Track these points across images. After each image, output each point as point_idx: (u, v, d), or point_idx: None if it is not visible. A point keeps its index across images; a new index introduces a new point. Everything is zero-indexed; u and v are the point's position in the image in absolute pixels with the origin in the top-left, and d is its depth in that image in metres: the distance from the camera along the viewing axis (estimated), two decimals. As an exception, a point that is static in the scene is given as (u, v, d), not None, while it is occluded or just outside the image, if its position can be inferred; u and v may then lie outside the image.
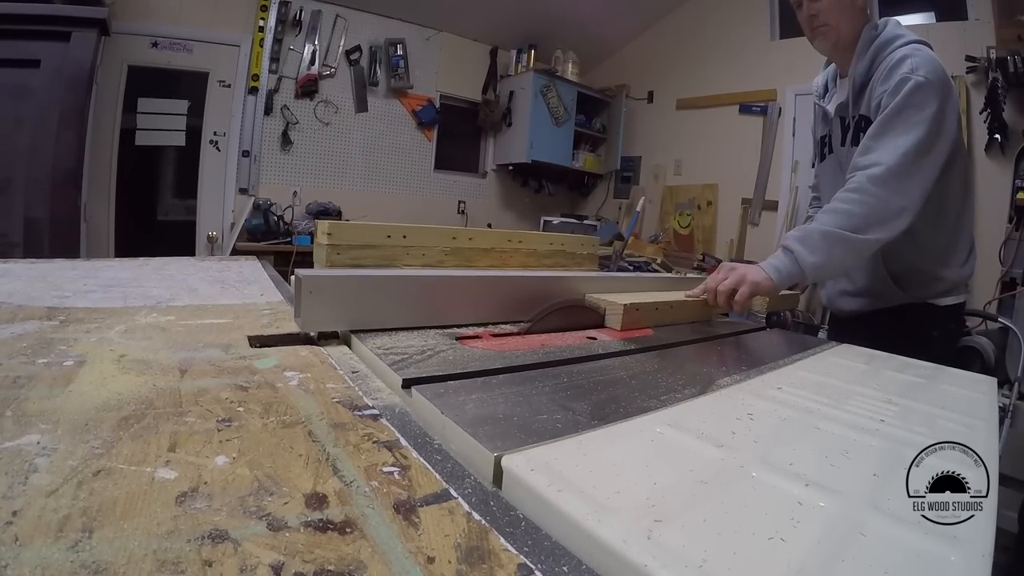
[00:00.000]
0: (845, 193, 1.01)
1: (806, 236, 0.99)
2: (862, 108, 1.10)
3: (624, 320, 0.81)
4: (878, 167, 0.98)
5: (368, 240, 0.86)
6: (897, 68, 1.01)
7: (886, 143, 0.99)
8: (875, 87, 1.05)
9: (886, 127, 1.00)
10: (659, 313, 0.89)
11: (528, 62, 4.44)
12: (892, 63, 1.03)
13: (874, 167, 0.99)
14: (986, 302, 2.59)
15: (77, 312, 0.67)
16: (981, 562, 0.28)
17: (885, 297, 1.18)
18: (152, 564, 0.22)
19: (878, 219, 0.98)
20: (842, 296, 1.28)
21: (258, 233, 3.40)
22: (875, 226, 0.98)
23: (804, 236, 1.00)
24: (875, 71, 1.06)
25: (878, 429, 0.47)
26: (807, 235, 0.99)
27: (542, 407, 0.45)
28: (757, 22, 3.86)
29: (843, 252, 0.99)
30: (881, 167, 0.98)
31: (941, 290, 1.17)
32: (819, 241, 0.98)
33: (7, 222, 2.33)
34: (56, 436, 0.33)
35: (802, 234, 1.00)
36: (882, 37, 1.07)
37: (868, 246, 0.99)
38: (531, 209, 4.93)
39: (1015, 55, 2.54)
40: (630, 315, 0.83)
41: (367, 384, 0.49)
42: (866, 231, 0.97)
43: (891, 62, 1.03)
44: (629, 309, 0.83)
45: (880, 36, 1.07)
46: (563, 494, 0.30)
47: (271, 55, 3.54)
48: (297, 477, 0.31)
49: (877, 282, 1.17)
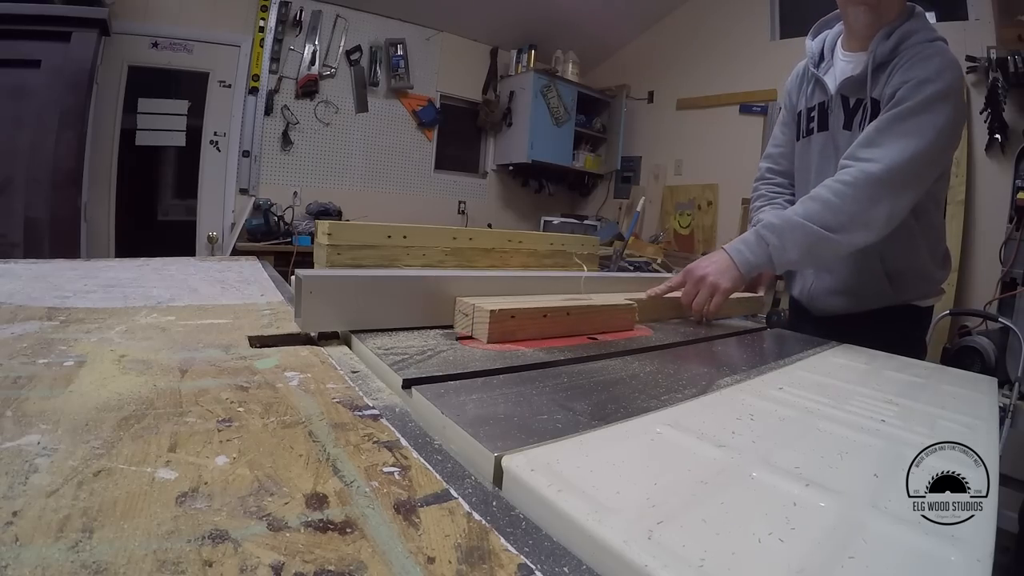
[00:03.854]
0: (837, 184, 0.95)
1: (785, 228, 0.94)
2: (876, 91, 1.02)
3: (491, 331, 0.64)
4: (877, 165, 0.93)
5: (368, 240, 0.86)
6: (926, 63, 0.94)
7: (893, 141, 0.93)
8: (895, 73, 0.98)
9: (896, 124, 0.94)
10: (549, 323, 0.70)
11: (528, 62, 4.45)
12: (921, 56, 0.96)
13: (873, 164, 0.93)
14: (986, 302, 2.60)
15: (77, 312, 0.67)
16: (981, 562, 0.28)
17: (873, 297, 1.12)
18: (152, 564, 0.22)
19: (863, 223, 0.93)
20: (825, 295, 1.18)
21: (258, 233, 3.40)
22: (859, 229, 0.93)
23: (783, 227, 0.94)
24: (899, 54, 0.99)
25: (878, 429, 0.47)
26: (786, 227, 0.94)
27: (542, 407, 0.45)
28: (757, 22, 3.86)
29: (819, 251, 0.95)
30: (881, 167, 0.92)
31: (927, 291, 1.15)
32: (799, 238, 0.93)
33: (7, 222, 2.33)
34: (56, 436, 0.33)
35: (781, 223, 0.95)
36: (914, 23, 1.01)
37: (845, 249, 0.96)
38: (531, 209, 4.93)
39: (1015, 55, 2.54)
40: (501, 324, 0.65)
41: (367, 384, 0.49)
42: (848, 232, 0.93)
43: (920, 54, 0.96)
44: (499, 317, 0.65)
45: (911, 21, 1.01)
46: (563, 494, 0.30)
47: (271, 55, 3.54)
48: (297, 477, 0.31)
49: (869, 281, 1.11)
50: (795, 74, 1.23)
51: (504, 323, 0.65)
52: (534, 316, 0.69)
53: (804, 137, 1.18)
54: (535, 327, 0.68)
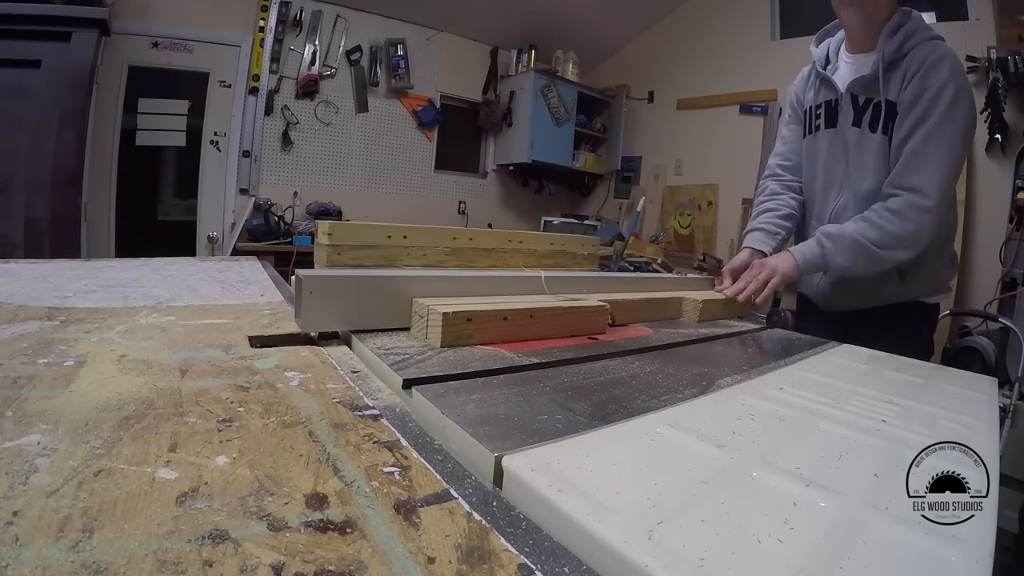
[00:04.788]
0: (886, 212, 1.04)
1: (839, 236, 1.06)
2: (890, 93, 1.06)
3: (445, 335, 0.60)
4: (924, 198, 1.01)
5: (369, 240, 0.86)
6: (938, 70, 0.99)
7: (928, 163, 1.01)
8: (909, 78, 1.02)
9: (929, 142, 1.00)
10: (511, 326, 0.66)
11: (528, 62, 4.44)
12: (932, 59, 1.00)
13: (919, 195, 1.01)
14: (987, 302, 2.59)
15: (78, 312, 0.67)
16: (982, 563, 0.28)
17: (884, 294, 1.16)
18: (152, 564, 0.22)
19: (909, 243, 1.04)
20: (837, 292, 1.22)
21: (259, 233, 3.40)
22: (905, 248, 1.04)
23: (838, 236, 1.06)
24: (907, 54, 1.03)
25: (879, 429, 0.47)
26: (841, 236, 1.06)
27: (543, 407, 0.45)
28: (758, 22, 3.86)
29: (865, 263, 1.05)
30: (928, 199, 1.01)
31: (935, 287, 1.18)
32: (849, 246, 1.05)
33: (8, 222, 2.33)
34: (56, 436, 0.33)
35: (837, 232, 1.07)
36: (913, 23, 1.05)
37: (889, 263, 1.05)
38: (531, 209, 4.93)
39: (1015, 55, 2.54)
40: (455, 328, 0.61)
41: (367, 384, 0.49)
42: (894, 249, 1.03)
43: (930, 56, 1.00)
44: (454, 320, 0.61)
45: (910, 21, 1.05)
46: (564, 494, 0.30)
47: (271, 55, 3.54)
48: (297, 477, 0.31)
49: (881, 278, 1.14)
50: (801, 77, 1.29)
51: (459, 326, 0.61)
52: (493, 319, 0.64)
53: (811, 133, 1.23)
54: (495, 331, 0.64)
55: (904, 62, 1.03)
